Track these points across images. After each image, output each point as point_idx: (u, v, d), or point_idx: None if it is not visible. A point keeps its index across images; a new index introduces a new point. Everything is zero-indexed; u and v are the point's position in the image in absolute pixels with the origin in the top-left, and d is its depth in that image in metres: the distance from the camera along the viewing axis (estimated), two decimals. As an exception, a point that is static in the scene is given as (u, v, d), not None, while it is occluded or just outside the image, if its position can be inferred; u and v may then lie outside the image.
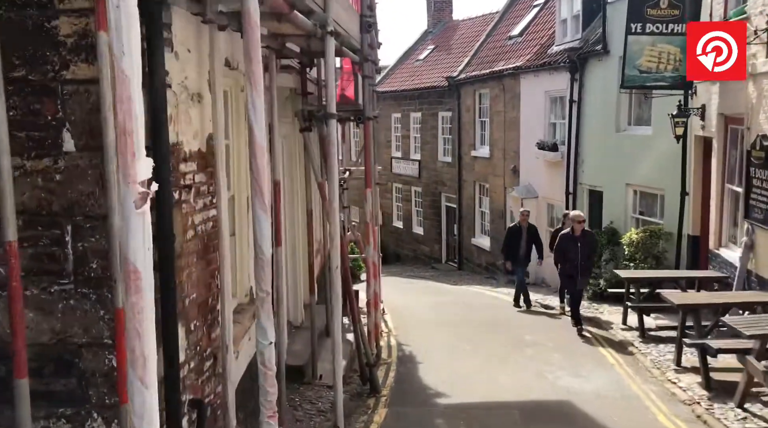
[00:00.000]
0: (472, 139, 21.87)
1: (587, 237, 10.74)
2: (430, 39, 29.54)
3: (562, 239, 10.84)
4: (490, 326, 10.97)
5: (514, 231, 13.42)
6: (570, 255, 10.52)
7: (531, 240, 13.28)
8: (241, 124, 5.18)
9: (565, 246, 10.62)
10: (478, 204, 22.13)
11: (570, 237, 10.62)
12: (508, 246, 13.43)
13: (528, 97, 18.07)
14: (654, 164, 12.81)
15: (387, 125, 28.21)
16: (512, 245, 13.24)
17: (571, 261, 10.54)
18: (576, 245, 10.48)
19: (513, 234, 13.39)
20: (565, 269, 10.77)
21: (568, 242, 10.60)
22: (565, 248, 10.62)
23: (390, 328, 11.19)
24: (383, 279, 21.83)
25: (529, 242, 13.24)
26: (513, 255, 13.29)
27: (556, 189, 16.77)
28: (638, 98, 13.65)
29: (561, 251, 10.74)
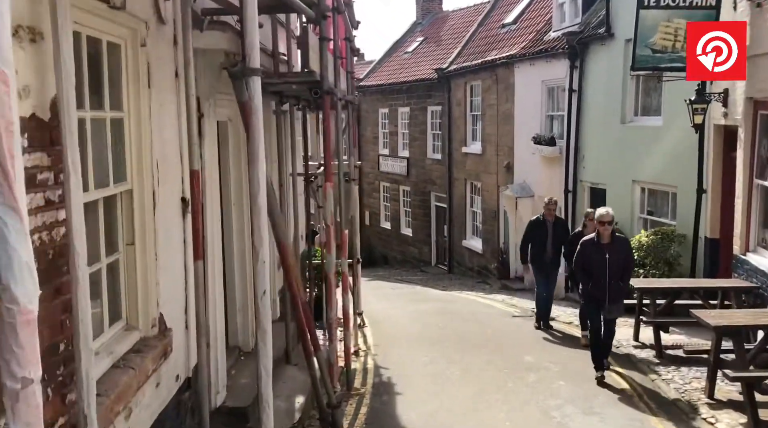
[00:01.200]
0: (463, 135, 20.52)
1: (619, 246, 7.63)
2: (419, 31, 28.22)
3: (584, 248, 7.69)
4: (484, 343, 9.58)
5: (536, 226, 10.28)
6: (595, 271, 7.52)
7: (559, 239, 10.10)
8: (143, 89, 3.78)
9: (588, 257, 7.60)
10: (469, 203, 20.79)
11: (594, 244, 7.58)
12: (527, 245, 10.38)
13: (523, 88, 16.72)
14: (665, 158, 11.48)
15: (374, 121, 26.88)
16: (534, 244, 10.23)
17: (597, 280, 7.52)
18: (603, 256, 7.46)
19: (534, 230, 10.29)
20: (588, 290, 7.69)
21: (591, 252, 7.58)
22: (587, 261, 7.63)
23: (369, 345, 9.79)
24: (368, 285, 20.55)
25: (557, 242, 10.10)
26: (535, 258, 10.27)
27: (554, 187, 15.41)
28: (646, 86, 12.32)
29: (582, 264, 7.72)
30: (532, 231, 10.37)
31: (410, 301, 15.10)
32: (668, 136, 11.33)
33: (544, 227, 10.25)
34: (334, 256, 5.42)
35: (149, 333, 3.95)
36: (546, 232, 10.21)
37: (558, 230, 10.31)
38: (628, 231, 12.60)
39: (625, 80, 12.61)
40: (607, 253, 7.48)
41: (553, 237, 10.17)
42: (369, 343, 9.97)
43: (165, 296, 4.11)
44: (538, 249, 10.22)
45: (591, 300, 7.74)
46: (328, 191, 5.16)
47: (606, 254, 7.48)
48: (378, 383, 7.63)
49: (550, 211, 10.35)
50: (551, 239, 10.16)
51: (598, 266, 7.50)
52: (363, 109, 27.56)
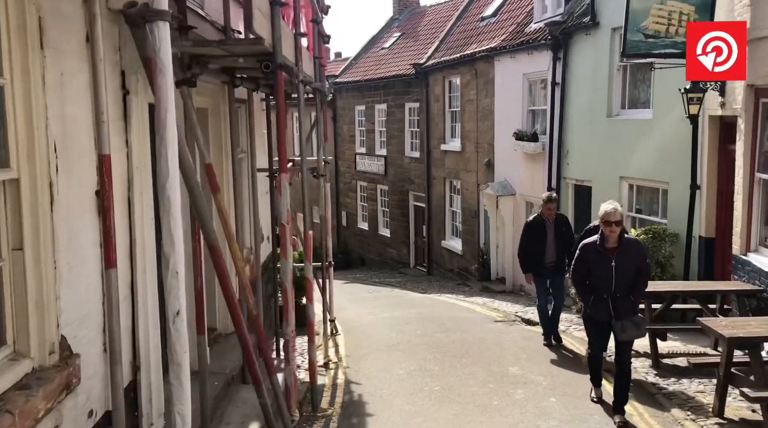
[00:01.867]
0: (442, 132, 19.81)
1: (630, 250, 6.03)
2: (396, 26, 27.49)
3: (585, 253, 6.17)
4: (466, 352, 8.81)
5: (535, 228, 9.05)
6: (599, 282, 5.98)
7: (563, 240, 8.92)
8: (32, 52, 2.95)
9: (591, 264, 6.08)
10: (448, 203, 20.07)
11: (596, 249, 5.99)
12: (525, 249, 9.15)
13: (504, 82, 16.03)
14: (655, 153, 10.83)
15: (350, 119, 26.09)
16: (533, 248, 8.99)
17: (600, 294, 6.00)
18: (608, 264, 5.94)
19: (532, 232, 9.05)
20: (591, 307, 6.21)
21: (593, 259, 6.02)
22: (589, 269, 6.10)
23: (341, 356, 8.98)
24: (343, 288, 19.74)
25: (561, 244, 8.90)
26: (535, 263, 9.02)
27: (537, 184, 14.75)
28: (634, 77, 11.67)
29: (584, 273, 6.19)
30: (530, 234, 9.08)
31: (387, 306, 14.32)
32: (658, 130, 10.68)
33: (543, 228, 8.97)
34: (290, 261, 4.62)
35: (46, 362, 3.12)
36: (545, 234, 8.94)
37: (560, 230, 9.01)
38: (615, 230, 11.95)
39: (612, 71, 11.97)
40: (613, 260, 5.90)
41: (556, 238, 8.92)
42: (341, 354, 9.17)
43: (70, 314, 3.28)
44: (537, 255, 8.91)
45: (591, 320, 6.31)
46: (283, 184, 4.36)
47: (612, 261, 5.90)
48: (348, 402, 6.83)
49: (549, 210, 9.04)
50: (553, 241, 8.92)
51: (603, 275, 5.92)
52: (339, 106, 26.78)
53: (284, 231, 4.37)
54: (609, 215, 6.02)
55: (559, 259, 8.93)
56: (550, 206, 9.11)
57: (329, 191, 10.77)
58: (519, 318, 12.06)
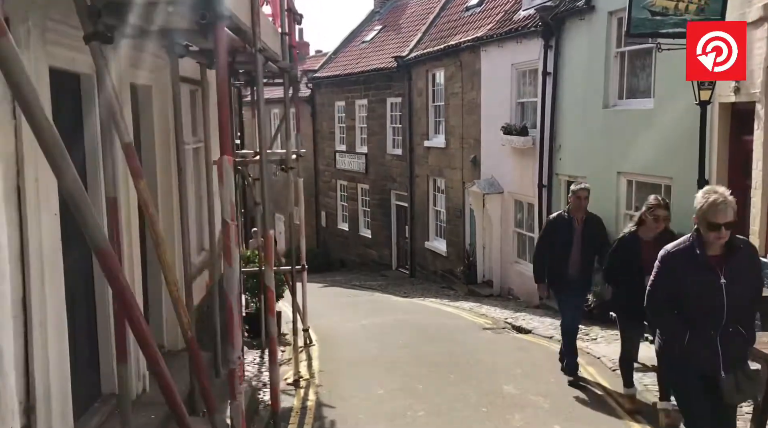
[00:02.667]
0: (425, 127, 18.89)
1: (745, 261, 4.16)
2: (378, 19, 26.55)
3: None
4: (453, 367, 7.87)
5: (558, 228, 7.07)
6: (699, 310, 4.03)
7: (593, 246, 6.96)
8: None
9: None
10: (432, 202, 19.15)
11: (694, 258, 4.01)
12: (543, 254, 7.23)
13: (490, 73, 15.14)
14: (657, 146, 9.98)
15: (330, 115, 25.10)
16: (554, 255, 7.02)
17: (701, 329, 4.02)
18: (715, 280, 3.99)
19: (555, 234, 7.07)
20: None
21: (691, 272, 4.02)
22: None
23: (313, 372, 8.00)
24: (322, 292, 18.71)
25: (590, 250, 6.97)
26: (556, 276, 7.06)
27: (527, 181, 13.88)
28: (633, 64, 10.81)
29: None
30: (552, 235, 7.09)
31: (367, 312, 13.36)
32: (661, 120, 9.82)
33: (570, 228, 6.94)
34: (237, 269, 3.65)
35: None
36: (572, 236, 6.92)
37: (591, 233, 7.01)
38: (612, 230, 11.08)
39: (609, 58, 11.11)
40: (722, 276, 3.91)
41: (583, 243, 6.93)
42: (314, 369, 8.19)
43: None
44: (559, 262, 6.94)
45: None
46: (225, 169, 3.39)
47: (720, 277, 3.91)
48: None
49: (579, 204, 6.99)
50: (580, 246, 6.93)
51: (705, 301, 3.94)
52: (318, 102, 25.78)
53: (228, 231, 3.42)
54: (717, 212, 3.81)
55: (585, 272, 7.03)
56: (581, 197, 6.99)
57: (302, 187, 9.77)
58: (509, 325, 11.17)
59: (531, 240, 14.17)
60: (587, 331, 9.93)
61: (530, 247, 14.29)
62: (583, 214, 7.09)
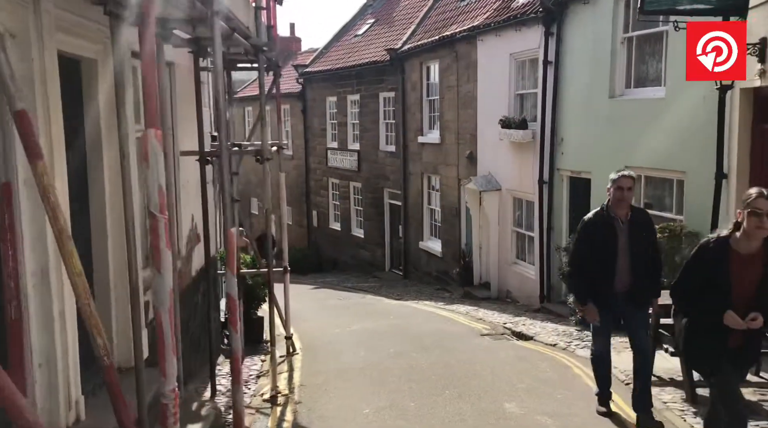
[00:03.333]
0: (419, 123, 18.11)
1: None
2: (370, 13, 25.77)
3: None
4: (449, 380, 7.08)
5: (598, 229, 5.46)
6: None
7: (643, 250, 5.44)
8: None
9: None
10: (426, 200, 18.37)
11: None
12: (582, 267, 5.58)
13: (488, 65, 14.37)
14: (668, 138, 9.23)
15: (321, 111, 24.29)
16: (595, 264, 5.45)
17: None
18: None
19: (592, 238, 5.49)
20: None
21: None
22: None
23: (294, 386, 7.21)
24: (312, 294, 17.92)
25: (641, 255, 5.43)
26: (599, 286, 5.49)
27: (526, 178, 13.12)
28: (642, 50, 10.05)
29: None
30: (589, 239, 5.46)
31: (358, 316, 12.58)
32: (673, 110, 9.07)
33: (612, 231, 5.36)
34: (169, 278, 2.83)
35: None
36: (616, 241, 5.36)
37: (640, 235, 5.41)
38: (619, 228, 10.33)
39: (615, 45, 10.35)
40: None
41: (632, 248, 5.37)
42: (295, 382, 7.40)
43: None
44: (601, 273, 5.39)
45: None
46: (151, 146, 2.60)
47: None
48: (293, 461, 5.09)
49: (622, 197, 5.35)
50: (628, 253, 5.36)
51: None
52: (309, 98, 25.00)
53: (156, 228, 2.63)
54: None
55: (636, 282, 5.41)
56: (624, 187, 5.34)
57: (283, 182, 8.98)
58: (509, 330, 10.40)
59: (530, 239, 13.41)
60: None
61: (530, 247, 13.53)
62: (627, 210, 5.40)
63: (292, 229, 27.15)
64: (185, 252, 7.03)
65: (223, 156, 4.34)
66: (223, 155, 4.34)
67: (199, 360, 7.70)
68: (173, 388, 2.88)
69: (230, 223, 4.35)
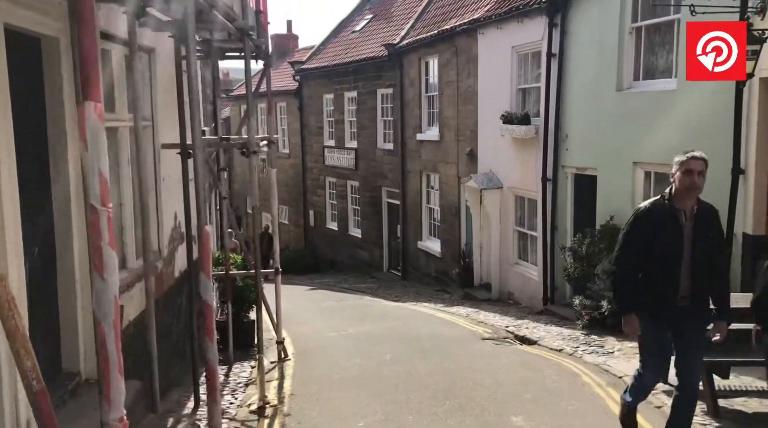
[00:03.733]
0: (418, 120, 17.64)
1: None
2: (368, 8, 25.30)
3: None
4: (449, 389, 6.60)
5: (656, 223, 4.39)
6: None
7: (707, 253, 4.40)
8: None
9: None
10: (425, 199, 17.90)
11: None
12: (630, 268, 4.51)
13: (489, 58, 13.90)
14: (680, 132, 8.75)
15: (318, 109, 23.84)
16: (649, 268, 4.43)
17: None
18: None
19: (651, 233, 4.39)
20: None
21: None
22: None
23: (284, 395, 6.73)
24: (309, 295, 17.45)
25: (706, 257, 4.40)
26: (652, 296, 4.43)
27: (528, 175, 12.65)
28: (651, 40, 9.59)
29: None
30: (644, 233, 4.41)
31: (355, 318, 12.12)
32: (685, 102, 8.61)
33: (675, 226, 4.35)
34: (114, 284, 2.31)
35: None
36: (679, 238, 4.34)
37: (705, 232, 4.41)
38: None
39: (623, 35, 9.89)
40: None
41: (696, 248, 4.35)
42: (285, 391, 6.92)
43: None
44: (657, 280, 4.40)
45: None
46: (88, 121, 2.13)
47: None
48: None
49: (693, 185, 4.39)
50: (692, 254, 4.35)
51: None
52: (306, 95, 24.54)
53: (97, 223, 2.16)
54: None
55: (698, 293, 4.41)
56: (693, 170, 4.38)
57: (275, 178, 8.51)
58: (511, 334, 9.95)
59: (533, 239, 12.94)
60: (601, 343, 8.73)
61: (532, 247, 13.06)
62: (695, 202, 4.43)
63: (289, 229, 26.67)
64: (167, 253, 6.56)
65: (197, 148, 3.87)
66: (197, 147, 3.87)
67: (182, 366, 7.23)
68: (120, 416, 2.41)
69: (205, 221, 3.89)
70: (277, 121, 26.85)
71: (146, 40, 6.19)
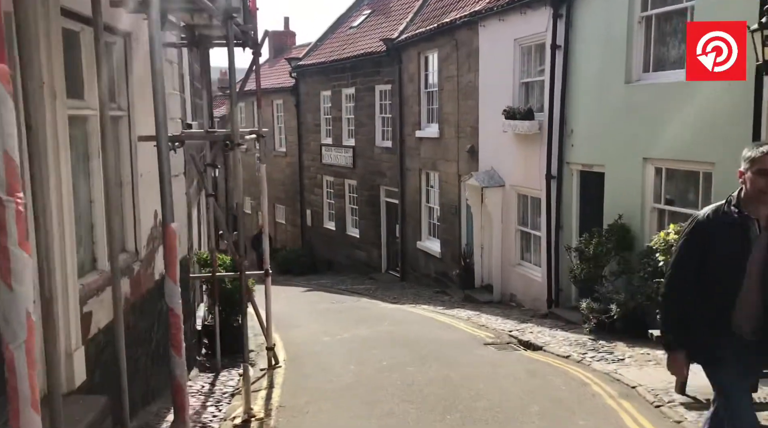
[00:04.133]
0: (417, 116, 17.16)
1: None
2: (366, 4, 24.85)
3: None
4: (450, 400, 6.14)
5: (719, 235, 3.50)
6: None
7: None
8: None
9: None
10: (425, 198, 17.42)
11: None
12: (684, 289, 3.56)
13: (490, 52, 13.43)
14: (694, 126, 8.30)
15: (315, 106, 23.36)
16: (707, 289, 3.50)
17: None
18: None
19: (716, 242, 3.50)
20: None
21: None
22: None
23: (272, 407, 6.25)
24: (305, 297, 16.98)
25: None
26: (710, 325, 3.50)
27: (532, 172, 12.17)
28: (661, 30, 9.12)
29: None
30: (704, 246, 3.54)
31: (351, 321, 11.64)
32: (698, 94, 8.13)
33: (744, 237, 3.45)
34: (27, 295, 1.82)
35: None
36: (746, 253, 3.44)
37: None
38: (637, 227, 9.41)
39: (631, 25, 9.41)
40: None
41: None
42: (273, 403, 6.44)
43: None
44: (717, 303, 3.50)
45: None
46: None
47: None
48: None
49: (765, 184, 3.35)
50: (762, 273, 3.42)
51: None
52: (302, 92, 24.07)
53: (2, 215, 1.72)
54: None
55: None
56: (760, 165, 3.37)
57: (264, 174, 8.03)
58: (515, 339, 9.49)
59: (537, 239, 12.46)
60: (610, 349, 8.26)
61: (536, 247, 12.58)
62: None
63: (286, 229, 26.20)
64: (146, 253, 6.08)
65: (162, 140, 3.41)
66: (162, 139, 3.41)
67: (163, 375, 6.74)
68: None
69: (170, 219, 3.42)
70: (273, 119, 26.39)
71: (122, 24, 5.72)
